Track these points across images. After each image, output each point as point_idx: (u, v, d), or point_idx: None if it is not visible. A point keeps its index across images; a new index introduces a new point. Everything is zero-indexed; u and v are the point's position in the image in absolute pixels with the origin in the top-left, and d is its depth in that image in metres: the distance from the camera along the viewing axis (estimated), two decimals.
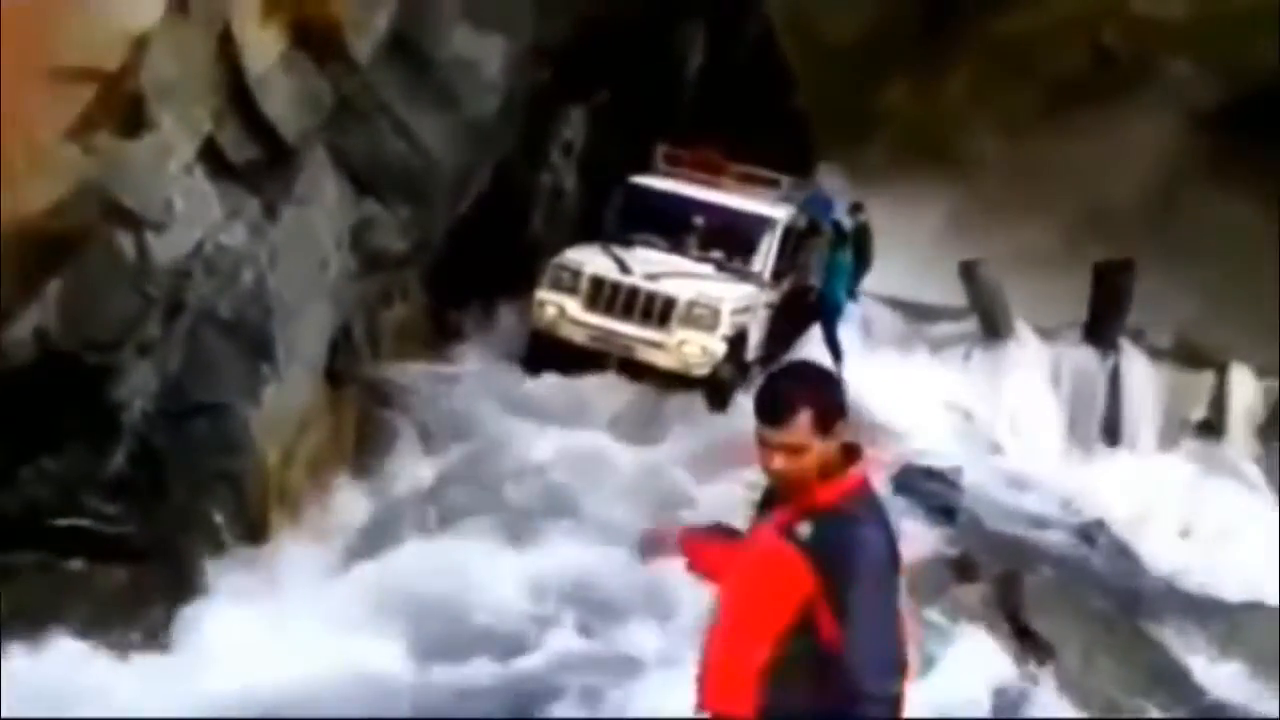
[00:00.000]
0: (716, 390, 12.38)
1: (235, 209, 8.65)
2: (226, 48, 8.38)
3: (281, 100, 8.84)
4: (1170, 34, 18.12)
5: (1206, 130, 18.70)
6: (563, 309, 12.31)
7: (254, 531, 8.54)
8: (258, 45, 8.59)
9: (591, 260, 12.63)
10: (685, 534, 4.02)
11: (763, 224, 13.62)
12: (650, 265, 12.72)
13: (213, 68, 8.33)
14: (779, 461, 3.49)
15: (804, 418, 3.45)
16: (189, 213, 8.20)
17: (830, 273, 14.44)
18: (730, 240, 13.48)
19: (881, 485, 11.37)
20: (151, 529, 7.94)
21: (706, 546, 3.89)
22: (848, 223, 14.96)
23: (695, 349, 12.23)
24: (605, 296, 12.36)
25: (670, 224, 13.43)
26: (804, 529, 3.47)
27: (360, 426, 10.17)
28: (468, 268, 12.13)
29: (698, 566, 3.91)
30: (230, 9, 8.35)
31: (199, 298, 8.35)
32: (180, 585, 7.95)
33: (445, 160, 10.74)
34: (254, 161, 8.76)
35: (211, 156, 8.41)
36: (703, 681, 3.62)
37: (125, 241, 7.82)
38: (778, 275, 13.68)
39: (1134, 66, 18.71)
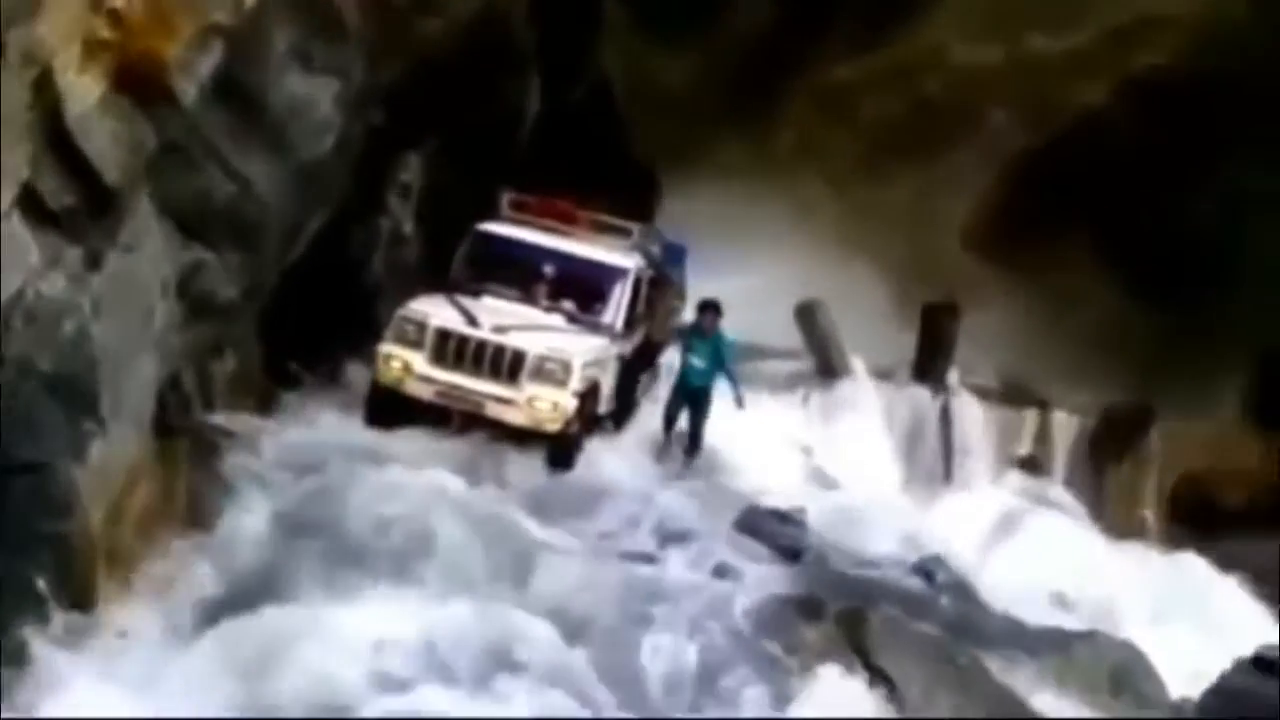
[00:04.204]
0: (563, 449, 12.14)
1: (55, 257, 8.24)
2: (44, 92, 8.03)
3: (102, 144, 8.47)
4: (988, 82, 18.82)
5: (1020, 182, 19.47)
6: (408, 364, 11.91)
7: (81, 597, 8.06)
8: (76, 89, 8.24)
9: (437, 312, 12.24)
10: None
11: (614, 274, 13.44)
12: (499, 317, 12.40)
13: (29, 113, 7.97)
14: None
15: None
16: (5, 262, 7.78)
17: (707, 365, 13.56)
18: (581, 290, 13.27)
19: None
20: None
21: None
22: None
23: (546, 405, 11.91)
24: (452, 350, 11.98)
25: (520, 273, 13.17)
26: None
27: (193, 481, 9.75)
28: (305, 315, 11.80)
29: None
30: (48, 53, 8.01)
31: (18, 350, 7.90)
32: (2, 657, 7.46)
33: (276, 204, 10.48)
34: (74, 208, 8.36)
35: (29, 204, 8.01)
36: None
37: None
38: (629, 325, 13.54)
39: (953, 114, 19.36)
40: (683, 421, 13.65)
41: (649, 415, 13.95)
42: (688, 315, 14.60)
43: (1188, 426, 16.74)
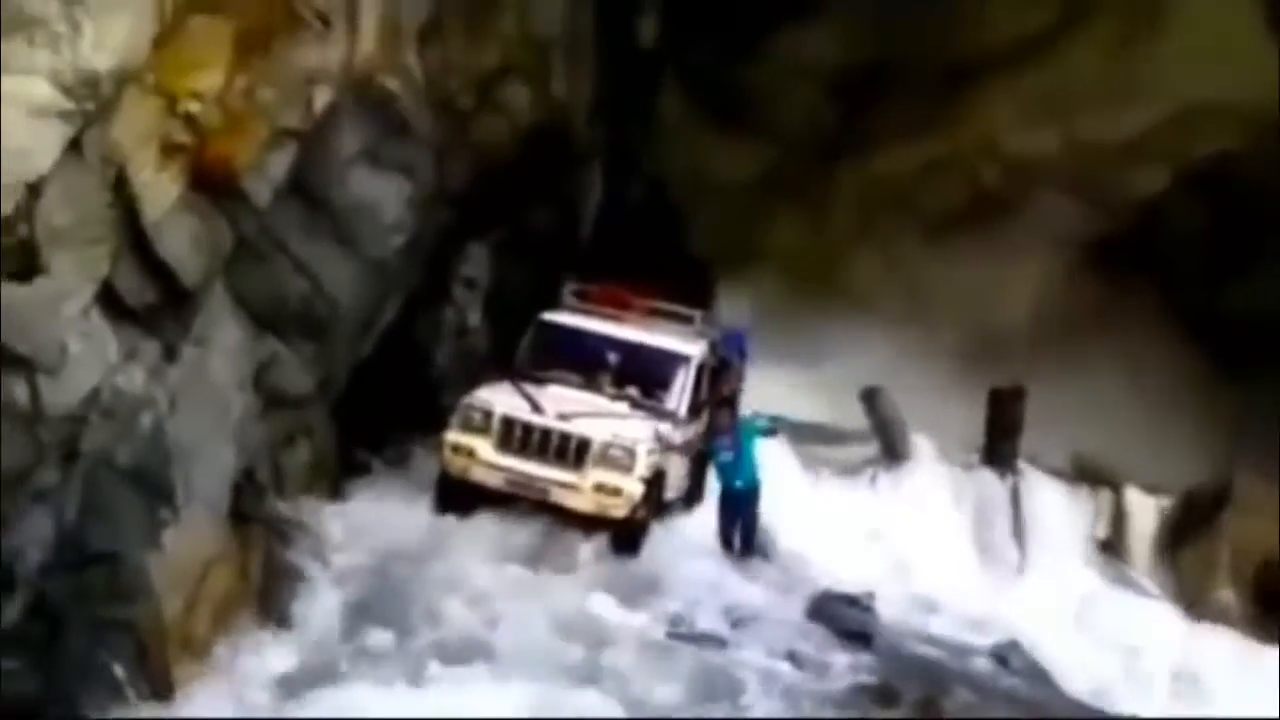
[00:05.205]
0: (629, 535, 12.08)
1: (132, 352, 8.51)
2: (123, 192, 8.32)
3: (179, 243, 8.79)
4: (1045, 169, 18.85)
5: (1086, 259, 19.39)
6: (474, 451, 11.96)
7: (158, 684, 8.18)
8: (154, 189, 8.55)
9: (503, 400, 12.30)
10: None
11: (677, 360, 13.51)
12: (563, 404, 12.42)
13: (109, 211, 8.25)
14: None
15: None
16: (84, 357, 8.04)
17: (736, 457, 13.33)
18: (645, 377, 13.29)
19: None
20: (49, 684, 7.56)
21: None
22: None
23: (611, 491, 11.89)
24: (518, 437, 12.02)
25: (583, 361, 13.22)
26: None
27: (267, 569, 9.87)
28: (375, 405, 11.98)
29: None
30: (126, 154, 8.31)
31: (96, 444, 8.13)
32: None
33: (347, 299, 10.75)
34: (152, 304, 8.64)
35: (108, 300, 8.29)
36: None
37: (17, 387, 7.62)
38: (693, 411, 13.54)
39: (1011, 199, 19.38)
40: None
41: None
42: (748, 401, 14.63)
43: (1271, 503, 16.28)
